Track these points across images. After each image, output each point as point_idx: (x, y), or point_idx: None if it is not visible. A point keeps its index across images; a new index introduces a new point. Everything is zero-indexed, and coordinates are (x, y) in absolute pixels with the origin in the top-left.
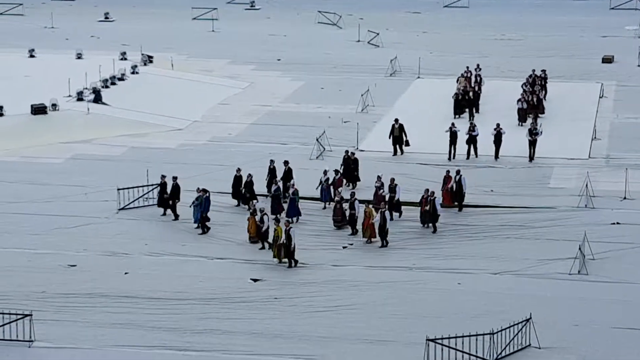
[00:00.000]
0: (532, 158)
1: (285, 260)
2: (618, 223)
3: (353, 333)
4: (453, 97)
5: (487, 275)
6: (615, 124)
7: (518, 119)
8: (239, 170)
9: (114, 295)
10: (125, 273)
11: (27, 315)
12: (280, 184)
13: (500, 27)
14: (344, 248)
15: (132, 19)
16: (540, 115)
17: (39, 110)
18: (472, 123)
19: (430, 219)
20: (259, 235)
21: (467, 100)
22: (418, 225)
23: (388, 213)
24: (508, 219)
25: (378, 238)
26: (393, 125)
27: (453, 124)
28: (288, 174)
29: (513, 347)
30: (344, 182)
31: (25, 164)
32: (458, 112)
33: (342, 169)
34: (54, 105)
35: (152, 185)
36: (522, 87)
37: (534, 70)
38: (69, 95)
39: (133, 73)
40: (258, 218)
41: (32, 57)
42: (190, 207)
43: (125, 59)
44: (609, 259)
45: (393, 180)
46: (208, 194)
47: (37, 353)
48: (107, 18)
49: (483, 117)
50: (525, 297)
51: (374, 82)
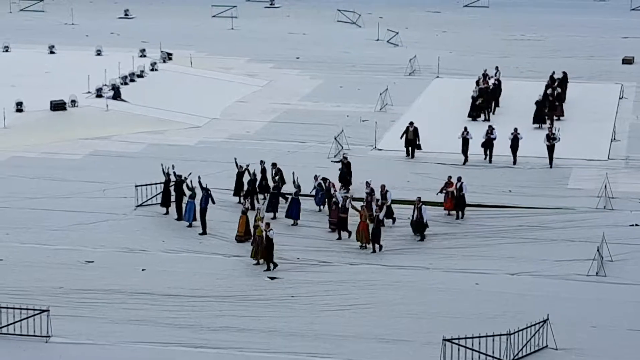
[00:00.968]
0: (551, 164)
1: (262, 262)
2: (637, 225)
3: (369, 332)
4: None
5: (504, 276)
6: (635, 125)
7: (533, 121)
8: (346, 158)
9: (131, 292)
10: (143, 270)
11: (44, 311)
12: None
13: (520, 27)
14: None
15: (151, 16)
16: (561, 118)
17: (58, 107)
18: (490, 126)
19: (417, 228)
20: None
21: (484, 102)
22: (435, 225)
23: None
24: (526, 220)
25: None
26: (407, 128)
27: (466, 130)
28: (279, 176)
29: (530, 348)
30: (336, 187)
31: (44, 160)
32: (474, 115)
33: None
34: (73, 102)
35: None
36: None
37: (554, 72)
38: (88, 92)
39: (152, 70)
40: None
41: (52, 53)
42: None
43: (145, 56)
44: (628, 261)
45: (384, 187)
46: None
47: (54, 348)
48: (126, 15)
49: (502, 117)
50: (543, 298)
51: (393, 81)
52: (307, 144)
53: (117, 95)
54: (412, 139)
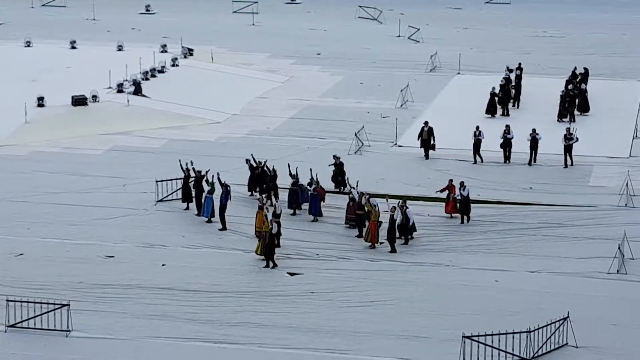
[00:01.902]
0: (567, 164)
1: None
2: None
3: (389, 329)
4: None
5: (524, 273)
6: None
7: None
8: (337, 158)
9: (151, 287)
10: (163, 265)
11: (64, 305)
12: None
13: (542, 24)
14: (381, 244)
15: (173, 12)
16: (585, 114)
17: (80, 102)
18: (507, 126)
19: (403, 231)
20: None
21: (503, 98)
22: (455, 223)
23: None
24: (547, 217)
25: (386, 242)
26: (422, 128)
27: (478, 129)
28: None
29: (550, 345)
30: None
31: (65, 155)
32: (492, 111)
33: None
34: (94, 97)
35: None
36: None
37: (576, 68)
38: (109, 87)
39: (173, 65)
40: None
41: (73, 48)
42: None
43: (166, 52)
44: None
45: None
46: (229, 188)
47: (74, 343)
48: (148, 10)
49: (523, 114)
50: (563, 295)
51: (414, 77)
52: (327, 140)
53: (138, 91)
54: (426, 139)
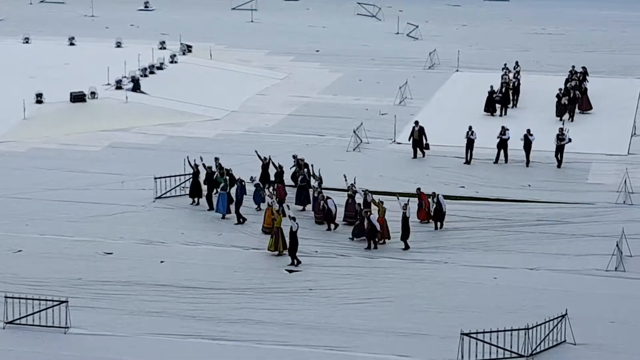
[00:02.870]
0: (560, 164)
1: (285, 252)
2: None
3: (387, 325)
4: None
5: (523, 270)
6: None
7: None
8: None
9: (150, 284)
10: (161, 262)
11: (63, 302)
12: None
13: (541, 21)
14: (380, 242)
15: (171, 9)
16: (588, 112)
17: (78, 98)
18: (503, 127)
19: (368, 235)
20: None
21: (502, 97)
22: (455, 220)
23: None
24: (545, 214)
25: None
26: (413, 128)
27: (470, 129)
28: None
29: (548, 342)
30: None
31: (64, 152)
32: (491, 110)
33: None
34: (93, 94)
35: (189, 175)
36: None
37: (574, 66)
38: (108, 84)
39: (172, 62)
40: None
41: (72, 45)
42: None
43: (164, 48)
44: None
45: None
46: (244, 183)
47: (72, 339)
48: (146, 7)
49: (521, 112)
50: (562, 292)
51: (413, 74)
52: (326, 137)
53: (136, 87)
54: (418, 139)
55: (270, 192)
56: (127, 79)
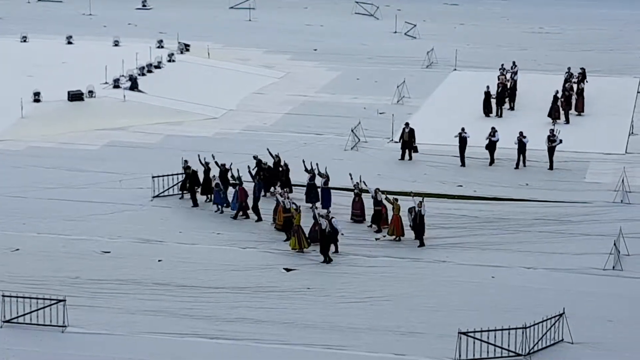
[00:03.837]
0: (551, 166)
1: (307, 250)
2: None
3: (385, 324)
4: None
5: (520, 269)
6: None
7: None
8: (277, 156)
9: (147, 283)
10: (159, 260)
11: (60, 301)
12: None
13: (539, 20)
14: (377, 240)
15: (169, 7)
16: (582, 114)
17: (76, 97)
18: (492, 128)
19: (331, 240)
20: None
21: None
22: (452, 217)
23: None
24: (543, 213)
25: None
26: (404, 129)
27: (463, 129)
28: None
29: (546, 341)
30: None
31: (61, 150)
32: (487, 110)
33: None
34: (91, 92)
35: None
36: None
37: (570, 68)
38: (106, 82)
39: (169, 61)
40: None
41: (69, 43)
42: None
43: (162, 47)
44: None
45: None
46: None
47: (70, 338)
48: (144, 6)
49: (519, 111)
50: (559, 291)
51: (410, 73)
52: (323, 136)
53: (134, 86)
54: (407, 141)
55: (282, 192)
56: (124, 78)
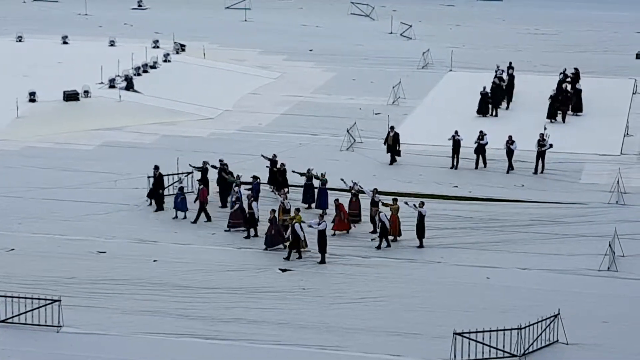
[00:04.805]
0: (542, 169)
1: (305, 251)
2: None
3: (380, 325)
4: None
5: (515, 270)
6: None
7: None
8: (275, 156)
9: (143, 283)
10: (154, 261)
11: (56, 301)
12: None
13: (534, 21)
14: (372, 240)
15: (165, 7)
16: (578, 114)
17: (71, 97)
18: (481, 131)
19: (293, 245)
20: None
21: (494, 99)
22: (447, 218)
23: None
24: (538, 214)
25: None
26: (388, 133)
27: (456, 132)
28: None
29: (541, 342)
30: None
31: (57, 150)
32: (483, 111)
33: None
34: (86, 92)
35: (182, 174)
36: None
37: (565, 69)
38: (101, 82)
39: (165, 61)
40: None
41: (65, 43)
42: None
43: (158, 47)
44: (639, 256)
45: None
46: (259, 180)
47: (65, 338)
48: (140, 6)
49: (514, 112)
50: (554, 292)
51: (406, 74)
52: (319, 137)
53: (129, 86)
54: (392, 145)
55: (282, 192)
56: (120, 78)
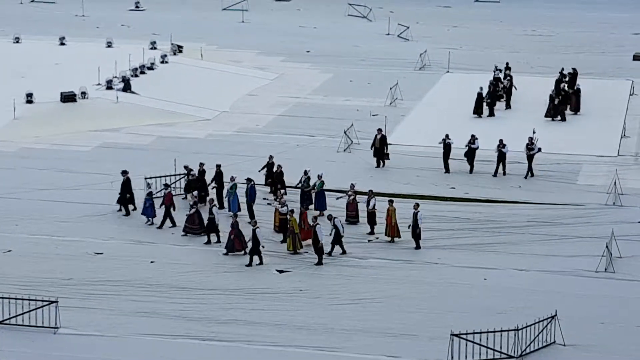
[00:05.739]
0: (531, 174)
1: (301, 251)
2: None
3: (377, 326)
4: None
5: (513, 271)
6: None
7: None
8: (271, 158)
9: (140, 284)
10: (152, 262)
11: (53, 302)
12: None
13: (531, 22)
14: (369, 242)
15: (162, 9)
16: (578, 113)
17: (69, 98)
18: (472, 135)
19: (253, 252)
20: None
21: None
22: (444, 219)
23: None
24: (535, 215)
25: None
26: (375, 136)
27: (447, 136)
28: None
29: (538, 343)
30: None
31: (54, 152)
32: (479, 111)
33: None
34: (84, 94)
35: (179, 175)
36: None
37: (563, 69)
38: (99, 84)
39: (162, 62)
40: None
41: (62, 45)
42: (226, 197)
43: (155, 49)
44: (636, 257)
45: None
46: (253, 183)
47: (62, 339)
48: (137, 7)
49: (511, 112)
50: (551, 293)
51: (403, 75)
52: (316, 138)
53: (127, 88)
54: (379, 148)
55: (277, 197)
56: (117, 79)
